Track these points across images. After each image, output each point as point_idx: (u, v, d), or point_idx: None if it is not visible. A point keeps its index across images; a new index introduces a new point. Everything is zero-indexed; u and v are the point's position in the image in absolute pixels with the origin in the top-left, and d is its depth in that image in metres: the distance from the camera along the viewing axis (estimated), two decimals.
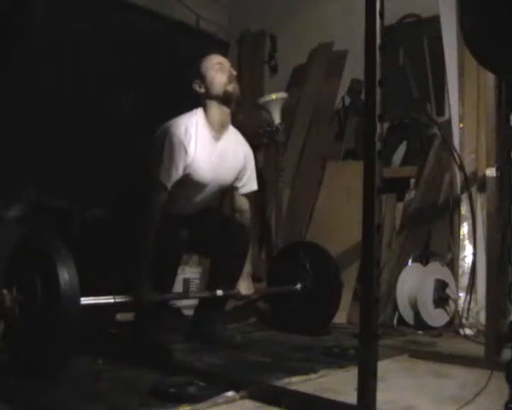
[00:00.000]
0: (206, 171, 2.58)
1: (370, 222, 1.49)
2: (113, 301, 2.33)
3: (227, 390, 1.84)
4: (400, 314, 3.30)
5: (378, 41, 1.49)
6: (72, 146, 3.31)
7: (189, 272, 3.52)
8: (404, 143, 3.98)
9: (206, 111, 2.60)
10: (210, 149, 2.58)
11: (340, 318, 3.43)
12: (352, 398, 1.54)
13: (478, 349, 2.48)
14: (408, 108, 3.90)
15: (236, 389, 1.86)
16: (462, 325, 3.07)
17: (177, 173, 2.48)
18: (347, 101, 4.26)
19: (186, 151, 2.48)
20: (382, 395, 1.52)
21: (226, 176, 2.71)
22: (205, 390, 1.82)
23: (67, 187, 3.24)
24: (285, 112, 4.09)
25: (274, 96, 4.00)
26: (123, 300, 2.37)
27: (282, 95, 4.07)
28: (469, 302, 3.20)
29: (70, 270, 2.00)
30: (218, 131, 2.61)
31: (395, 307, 3.31)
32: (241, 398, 1.84)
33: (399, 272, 3.36)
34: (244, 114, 3.02)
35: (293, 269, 3.16)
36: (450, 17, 3.40)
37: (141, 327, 2.56)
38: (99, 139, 3.40)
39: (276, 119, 3.98)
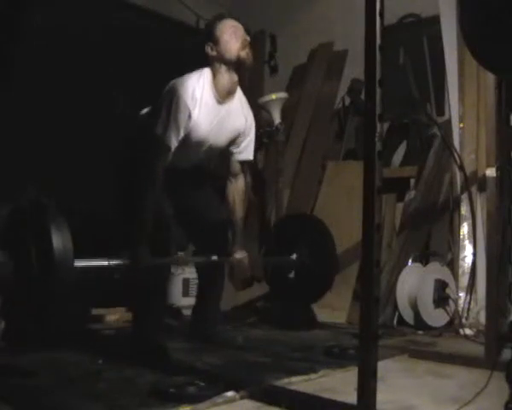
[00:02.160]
0: (205, 133, 2.55)
1: (370, 222, 1.49)
2: (107, 263, 2.28)
3: (227, 390, 1.84)
4: (400, 314, 3.30)
5: (378, 41, 1.49)
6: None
7: (189, 272, 3.52)
8: (404, 143, 3.98)
9: (214, 74, 2.54)
10: (213, 113, 2.54)
11: (340, 318, 3.44)
12: (351, 398, 1.54)
13: (478, 349, 2.48)
14: (408, 108, 3.90)
15: (236, 389, 1.86)
16: (462, 325, 3.07)
17: (180, 135, 2.46)
18: (347, 101, 4.26)
19: (190, 116, 2.45)
20: (382, 395, 1.52)
21: (222, 139, 2.67)
22: (205, 390, 1.82)
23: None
24: (285, 112, 4.10)
25: (274, 96, 4.00)
26: (117, 262, 2.33)
27: (282, 95, 4.07)
28: (469, 302, 3.20)
29: (63, 231, 1.97)
30: (223, 96, 2.56)
31: (395, 307, 3.31)
32: (241, 398, 1.84)
33: (399, 272, 3.36)
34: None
35: (289, 241, 3.14)
36: (450, 17, 3.40)
37: (140, 327, 2.56)
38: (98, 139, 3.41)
39: (276, 119, 3.99)
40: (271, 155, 4.22)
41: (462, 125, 3.46)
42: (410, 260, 3.44)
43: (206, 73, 2.54)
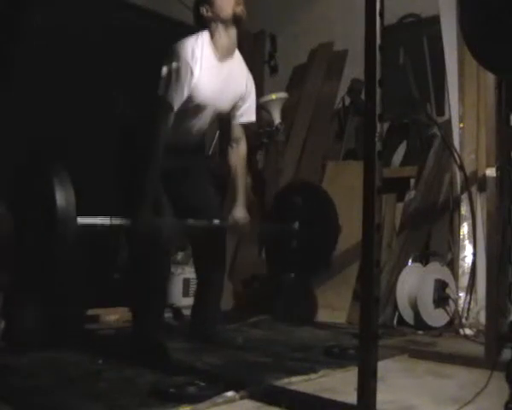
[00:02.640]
0: (209, 92, 2.55)
1: (370, 222, 1.49)
2: (109, 222, 2.29)
3: (227, 390, 1.84)
4: (400, 314, 3.30)
5: (378, 41, 1.49)
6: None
7: (189, 272, 3.52)
8: (404, 143, 3.98)
9: (212, 35, 2.57)
10: (215, 71, 2.56)
11: (340, 318, 3.44)
12: (351, 398, 1.54)
13: (478, 349, 2.48)
14: (408, 108, 3.90)
15: (236, 389, 1.86)
16: (462, 325, 3.07)
17: (183, 94, 2.46)
18: (347, 101, 4.26)
19: (192, 73, 2.46)
20: (382, 395, 1.52)
21: (226, 100, 2.67)
22: (205, 390, 1.82)
23: None
24: (285, 112, 4.10)
25: (274, 96, 4.00)
26: (120, 222, 2.34)
27: (282, 95, 4.07)
28: (469, 302, 3.20)
29: (67, 188, 1.98)
30: (223, 54, 2.58)
31: (395, 307, 3.31)
32: (241, 398, 1.84)
33: (399, 272, 3.36)
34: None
35: (291, 209, 3.12)
36: (450, 17, 3.40)
37: (140, 327, 2.56)
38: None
39: (276, 119, 3.99)
40: (271, 155, 4.22)
41: (462, 125, 3.46)
42: (410, 260, 3.43)
43: (205, 34, 2.56)
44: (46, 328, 2.67)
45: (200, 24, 2.59)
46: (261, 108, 4.02)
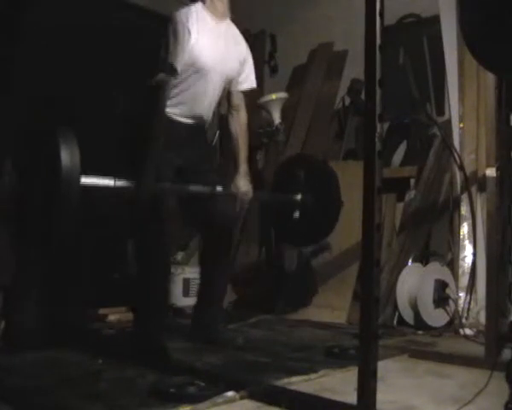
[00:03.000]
0: (211, 53, 2.60)
1: (370, 222, 1.49)
2: (113, 184, 2.29)
3: (227, 390, 1.84)
4: (400, 314, 3.30)
5: (378, 41, 1.49)
6: None
7: (189, 272, 3.53)
8: (404, 143, 3.98)
9: (204, 1, 2.64)
10: (213, 32, 2.63)
11: (340, 318, 3.44)
12: (351, 398, 1.54)
13: (478, 349, 2.48)
14: (408, 108, 3.90)
15: (236, 389, 1.86)
16: (462, 325, 3.07)
17: (183, 54, 2.51)
18: (347, 101, 4.26)
19: (190, 32, 2.51)
20: (382, 395, 1.52)
21: (230, 63, 2.71)
22: (205, 390, 1.82)
23: None
24: (285, 112, 4.10)
25: (274, 96, 4.00)
26: (123, 184, 2.34)
27: (282, 95, 4.07)
28: (469, 302, 3.20)
29: (72, 148, 1.98)
30: (218, 16, 2.65)
31: (395, 307, 3.31)
32: (241, 398, 1.84)
33: (399, 272, 3.36)
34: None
35: (294, 181, 3.12)
36: (450, 17, 3.40)
37: (141, 327, 2.56)
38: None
39: (276, 119, 3.99)
40: (271, 155, 4.22)
41: (462, 125, 3.46)
42: (410, 260, 3.44)
43: (197, 3, 2.64)
44: (46, 328, 2.68)
45: None
46: (261, 108, 4.02)
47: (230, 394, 1.83)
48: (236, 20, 2.76)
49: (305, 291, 3.64)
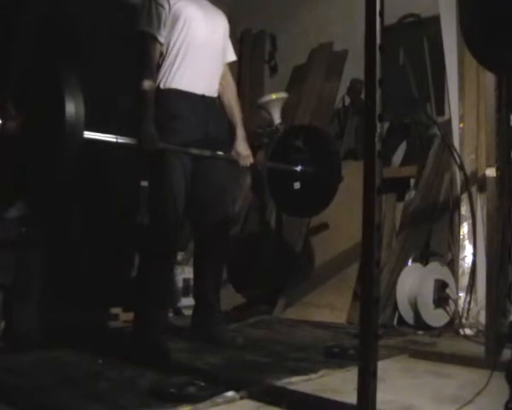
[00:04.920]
0: (200, 22, 2.65)
1: (370, 222, 1.49)
2: (115, 140, 2.32)
3: (227, 390, 1.84)
4: (400, 314, 3.30)
5: (378, 41, 1.49)
6: None
7: (189, 272, 3.52)
8: (404, 143, 3.98)
9: None
10: (198, 2, 2.69)
11: (340, 318, 3.44)
12: (351, 398, 1.54)
13: (478, 349, 2.48)
14: (408, 108, 3.90)
15: (236, 389, 1.86)
16: (462, 325, 3.06)
17: (159, 20, 2.55)
18: (347, 101, 4.26)
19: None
20: (382, 395, 1.52)
21: (219, 32, 2.77)
22: (205, 390, 1.82)
23: None
24: (285, 112, 4.10)
25: (274, 96, 4.00)
26: (126, 141, 2.37)
27: (282, 95, 4.07)
28: (469, 302, 3.20)
29: (77, 100, 1.98)
30: None
31: (395, 307, 3.31)
32: (241, 398, 1.84)
33: (399, 272, 3.36)
34: (244, 114, 3.02)
35: (294, 152, 3.16)
36: (450, 17, 3.39)
37: (141, 327, 2.56)
38: None
39: (276, 119, 3.99)
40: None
41: (462, 125, 3.46)
42: (410, 260, 3.43)
43: None
44: (46, 328, 2.68)
45: None
46: (261, 108, 4.02)
47: (230, 394, 1.83)
48: (237, 21, 2.76)
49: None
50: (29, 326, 2.65)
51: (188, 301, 3.45)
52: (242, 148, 2.83)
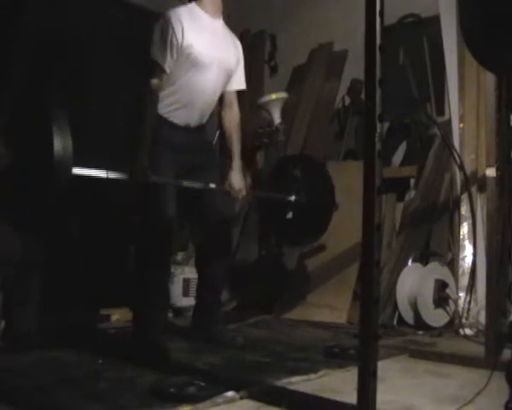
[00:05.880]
0: (208, 47, 2.60)
1: (370, 222, 1.48)
2: (105, 175, 2.29)
3: (227, 390, 1.84)
4: (400, 314, 3.30)
5: (378, 41, 1.49)
6: None
7: (189, 272, 3.52)
8: (404, 143, 3.98)
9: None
10: (208, 28, 2.63)
11: (340, 318, 3.44)
12: (351, 398, 1.54)
13: (478, 349, 2.48)
14: (408, 108, 3.90)
15: (236, 389, 1.86)
16: (462, 325, 3.07)
17: (171, 53, 2.51)
18: (347, 101, 4.26)
19: (182, 29, 2.51)
20: (382, 395, 1.52)
21: (228, 57, 2.72)
22: (205, 390, 1.82)
23: None
24: (285, 112, 4.09)
25: (274, 96, 4.00)
26: (116, 176, 2.35)
27: (282, 95, 4.07)
28: (469, 302, 3.20)
29: (65, 137, 1.97)
30: (212, 11, 2.66)
31: (395, 307, 3.31)
32: (241, 398, 1.84)
33: (399, 272, 3.36)
34: (244, 114, 3.02)
35: (288, 182, 3.16)
36: (450, 17, 3.40)
37: (141, 327, 2.56)
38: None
39: (276, 119, 3.99)
40: (271, 155, 4.21)
41: (462, 125, 3.46)
42: (410, 260, 3.44)
43: (191, 3, 2.66)
44: (46, 328, 2.68)
45: None
46: (261, 108, 4.02)
47: (230, 394, 1.83)
48: (237, 21, 2.76)
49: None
50: (29, 326, 2.65)
51: (188, 301, 3.45)
52: (236, 180, 2.77)
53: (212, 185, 2.70)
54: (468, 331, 3.01)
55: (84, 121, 3.06)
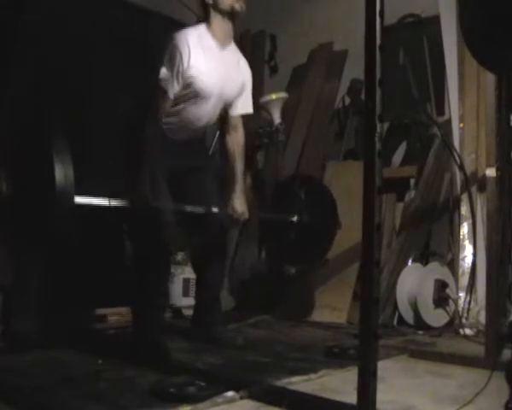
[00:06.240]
0: (211, 79, 2.57)
1: (370, 222, 1.48)
2: (107, 203, 2.29)
3: (227, 390, 1.84)
4: (400, 314, 3.30)
5: (378, 41, 1.49)
6: None
7: (189, 272, 3.52)
8: (404, 143, 3.98)
9: (210, 23, 2.60)
10: (214, 57, 2.58)
11: (340, 318, 3.44)
12: (351, 398, 1.54)
13: (478, 349, 2.48)
14: (408, 108, 3.90)
15: (236, 389, 1.86)
16: (462, 325, 3.07)
17: (176, 80, 2.48)
18: (347, 101, 4.26)
19: (181, 57, 2.46)
20: (382, 395, 1.52)
21: (231, 88, 2.69)
22: (205, 390, 1.82)
23: None
24: (285, 112, 4.09)
25: (274, 96, 4.00)
26: (118, 204, 2.34)
27: (282, 95, 4.07)
28: (469, 302, 3.20)
29: (66, 166, 1.97)
30: (221, 41, 2.61)
31: (395, 307, 3.31)
32: (241, 398, 1.84)
33: (399, 272, 3.36)
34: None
35: (290, 202, 3.15)
36: (450, 17, 3.40)
37: (141, 327, 2.56)
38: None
39: (276, 119, 3.98)
40: (271, 155, 4.21)
41: (462, 125, 3.46)
42: (410, 260, 3.44)
43: (201, 25, 2.61)
44: (46, 328, 2.68)
45: (201, 10, 2.62)
46: (261, 108, 4.02)
47: (230, 394, 1.83)
48: (237, 21, 2.74)
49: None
50: (29, 326, 2.65)
51: (188, 301, 3.45)
52: (238, 204, 2.76)
53: (215, 209, 2.69)
54: (468, 331, 3.01)
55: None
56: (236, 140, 2.81)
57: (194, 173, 2.73)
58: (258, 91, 4.61)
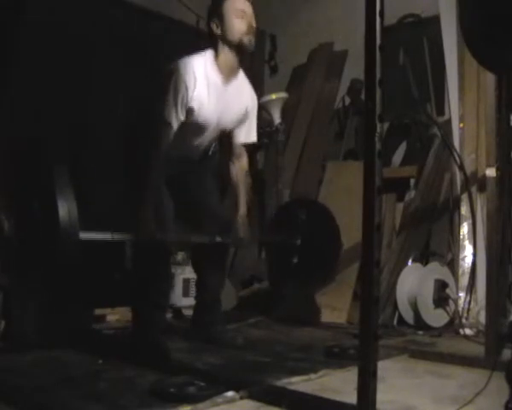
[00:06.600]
0: (211, 113, 2.55)
1: (370, 222, 1.48)
2: (110, 237, 2.31)
3: (227, 390, 1.84)
4: (400, 314, 3.30)
5: (378, 41, 1.49)
6: None
7: (189, 273, 3.52)
8: (404, 143, 3.98)
9: (216, 53, 2.54)
10: (217, 92, 2.54)
11: (340, 318, 3.44)
12: (351, 398, 1.54)
13: (478, 349, 2.48)
14: (408, 108, 3.91)
15: (236, 389, 1.86)
16: (462, 325, 3.07)
17: (181, 112, 2.46)
18: (347, 101, 4.26)
19: (187, 90, 2.43)
20: (382, 395, 1.52)
21: (228, 120, 2.67)
22: (205, 390, 1.82)
23: None
24: (285, 112, 4.10)
25: (274, 96, 4.00)
26: (121, 237, 2.36)
27: (282, 95, 4.07)
28: (469, 302, 3.20)
29: (70, 202, 1.98)
30: (226, 75, 2.56)
31: (395, 307, 3.31)
32: (241, 398, 1.84)
33: (399, 272, 3.36)
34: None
35: (293, 225, 3.14)
36: (450, 17, 3.40)
37: (141, 327, 2.56)
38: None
39: (276, 119, 3.99)
40: (271, 155, 4.22)
41: (462, 125, 3.46)
42: (410, 260, 3.43)
43: (208, 53, 2.55)
44: (46, 328, 2.68)
45: (209, 39, 2.57)
46: (261, 108, 4.02)
47: (230, 394, 1.83)
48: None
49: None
50: (29, 326, 2.65)
51: (188, 301, 3.45)
52: (241, 231, 2.76)
53: (218, 238, 2.68)
54: (468, 331, 3.01)
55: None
56: (240, 168, 2.82)
57: (195, 193, 2.75)
58: (258, 91, 4.63)
